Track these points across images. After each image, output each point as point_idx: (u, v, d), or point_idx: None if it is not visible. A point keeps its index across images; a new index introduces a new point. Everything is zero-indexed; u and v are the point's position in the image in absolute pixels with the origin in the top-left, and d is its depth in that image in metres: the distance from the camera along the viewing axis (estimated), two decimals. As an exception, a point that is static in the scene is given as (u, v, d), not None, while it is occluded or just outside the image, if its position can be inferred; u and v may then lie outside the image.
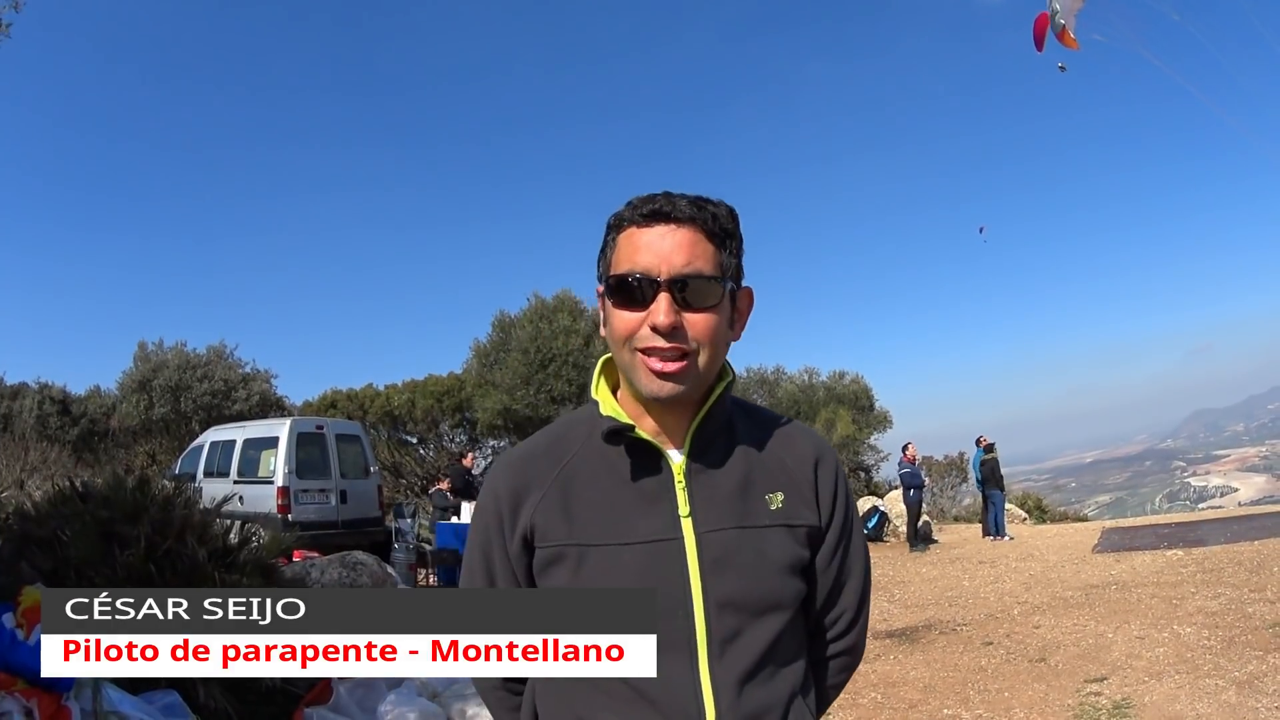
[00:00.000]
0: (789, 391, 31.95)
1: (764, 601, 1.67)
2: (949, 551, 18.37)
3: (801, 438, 1.85)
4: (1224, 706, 6.42)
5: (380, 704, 5.71)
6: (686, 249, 1.62)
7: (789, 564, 1.71)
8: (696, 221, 1.64)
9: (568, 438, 1.78)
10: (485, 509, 1.79)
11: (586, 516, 1.68)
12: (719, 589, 1.64)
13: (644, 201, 1.66)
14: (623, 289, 1.64)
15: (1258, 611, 9.18)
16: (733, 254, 1.70)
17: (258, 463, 16.04)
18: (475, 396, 27.29)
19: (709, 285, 1.63)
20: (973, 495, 26.36)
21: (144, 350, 27.54)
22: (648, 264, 1.61)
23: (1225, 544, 14.34)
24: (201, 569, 5.42)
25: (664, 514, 1.67)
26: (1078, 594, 11.80)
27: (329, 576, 6.97)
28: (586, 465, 1.73)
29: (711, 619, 1.63)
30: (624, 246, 1.67)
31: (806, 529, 1.75)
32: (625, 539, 1.65)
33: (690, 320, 1.62)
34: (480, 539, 1.80)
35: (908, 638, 10.24)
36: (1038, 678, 7.88)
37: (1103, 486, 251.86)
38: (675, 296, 1.61)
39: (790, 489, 1.76)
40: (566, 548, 1.66)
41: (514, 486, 1.74)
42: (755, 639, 1.65)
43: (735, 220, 1.71)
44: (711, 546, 1.65)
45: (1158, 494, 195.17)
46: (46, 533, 5.36)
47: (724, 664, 1.62)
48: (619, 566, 1.63)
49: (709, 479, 1.71)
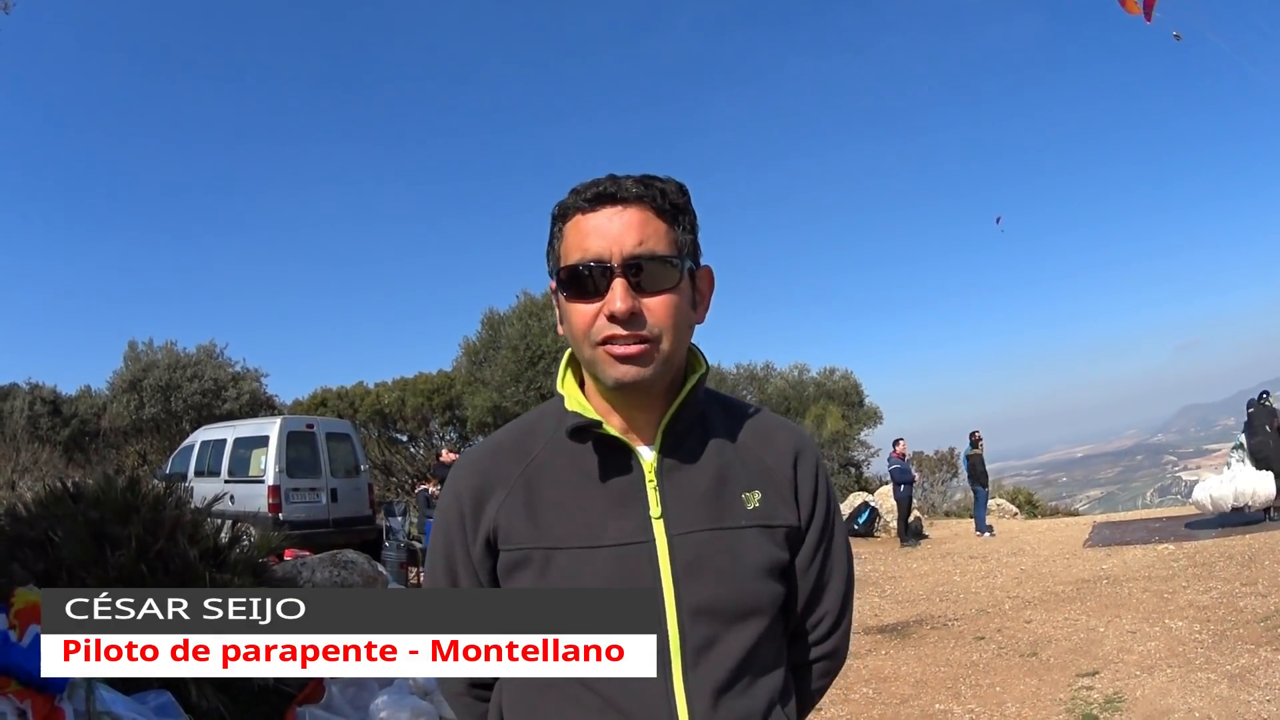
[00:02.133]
0: (779, 387, 31.99)
1: (740, 607, 1.59)
2: (940, 546, 18.41)
3: (780, 432, 1.77)
4: (1216, 700, 6.44)
5: (372, 703, 5.70)
6: (637, 229, 1.54)
7: (767, 567, 1.63)
8: (645, 200, 1.56)
9: (533, 433, 1.70)
10: (447, 509, 1.71)
11: (553, 518, 1.60)
12: (693, 595, 1.56)
13: (588, 186, 1.58)
14: (575, 280, 1.56)
15: (1249, 605, 9.22)
16: (687, 230, 1.62)
17: (248, 462, 15.99)
18: (465, 394, 27.31)
19: (665, 266, 1.55)
20: (964, 490, 26.44)
21: (134, 350, 27.48)
22: (598, 250, 1.53)
23: (1216, 538, 14.38)
24: (193, 569, 5.41)
25: (634, 515, 1.59)
26: (1069, 588, 11.83)
27: (320, 575, 6.96)
28: (552, 463, 1.65)
29: (685, 626, 1.55)
30: (571, 235, 1.58)
31: (785, 529, 1.67)
32: (593, 542, 1.57)
33: (649, 305, 1.53)
34: (442, 541, 1.72)
35: (899, 633, 10.26)
36: (1029, 672, 7.91)
37: (1094, 481, 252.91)
38: (630, 281, 1.52)
39: (768, 487, 1.68)
40: (532, 551, 1.59)
41: (476, 485, 1.66)
42: (732, 647, 1.57)
43: (686, 195, 1.63)
44: (684, 549, 1.57)
45: (1149, 488, 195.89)
46: (38, 534, 5.35)
47: (699, 673, 1.54)
48: (587, 571, 1.56)
49: (681, 478, 1.63)
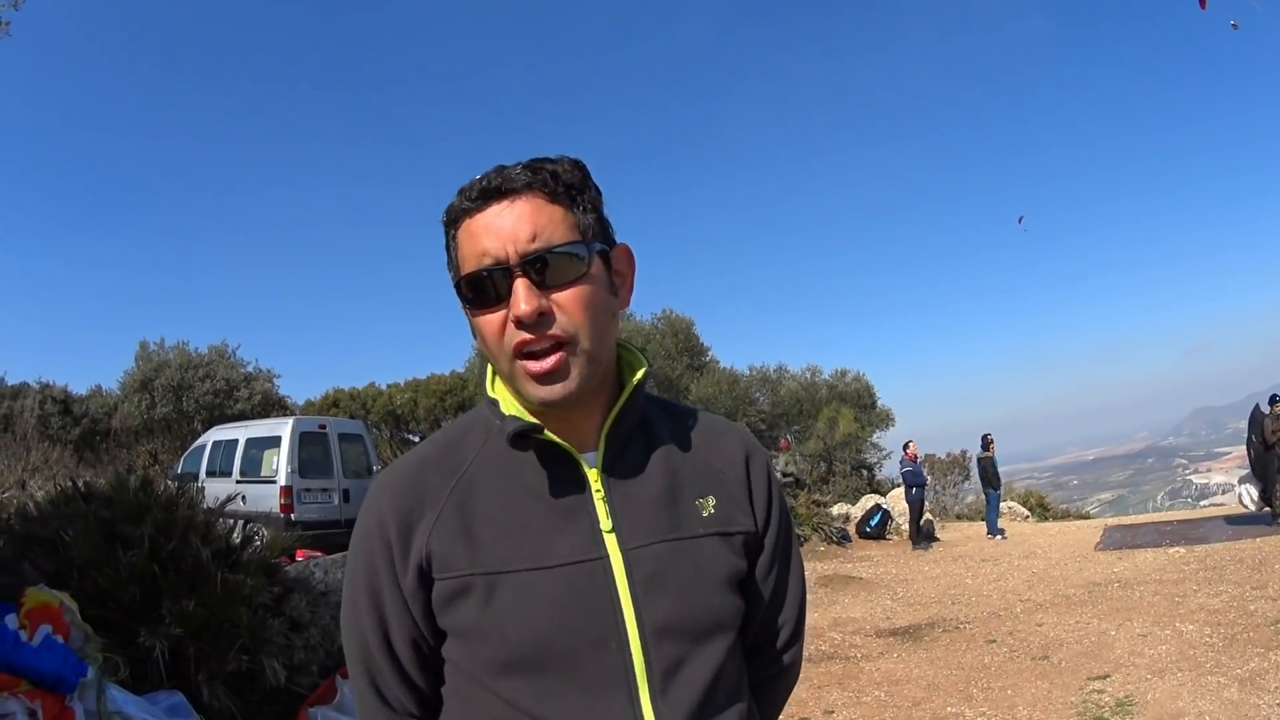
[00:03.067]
0: (791, 390, 31.98)
1: (706, 623, 1.47)
2: (952, 549, 18.38)
3: (727, 434, 1.66)
4: (1226, 704, 6.42)
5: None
6: (530, 221, 1.41)
7: (728, 578, 1.52)
8: (534, 186, 1.42)
9: (460, 446, 1.55)
10: (369, 536, 1.50)
11: (492, 538, 1.45)
12: (655, 613, 1.43)
13: (474, 183, 1.45)
14: (475, 288, 1.43)
15: (1259, 609, 9.18)
16: (588, 210, 1.48)
17: (260, 462, 16.00)
18: (478, 395, 27.24)
19: (568, 257, 1.42)
20: (975, 493, 26.39)
21: (145, 350, 27.54)
22: (494, 251, 1.40)
23: (1227, 541, 14.34)
24: (205, 569, 5.42)
25: (583, 530, 1.46)
26: (1080, 591, 11.81)
27: (333, 576, 6.97)
28: (485, 476, 1.50)
29: (650, 649, 1.42)
30: (464, 240, 1.45)
31: (743, 535, 1.56)
32: (540, 563, 1.43)
33: (558, 301, 1.41)
34: (365, 574, 1.51)
35: (911, 636, 10.24)
36: (1041, 675, 7.89)
37: (1105, 484, 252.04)
38: (533, 279, 1.39)
39: (721, 491, 1.57)
40: (472, 577, 1.42)
41: (402, 508, 1.48)
42: (700, 668, 1.45)
43: (582, 171, 1.49)
44: (642, 564, 1.45)
45: (1159, 491, 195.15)
46: (49, 533, 5.36)
47: (669, 701, 1.41)
48: (536, 594, 1.41)
49: (630, 487, 1.51)
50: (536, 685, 1.40)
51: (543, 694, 1.40)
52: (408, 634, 1.50)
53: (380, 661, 1.52)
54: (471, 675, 1.45)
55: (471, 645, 1.44)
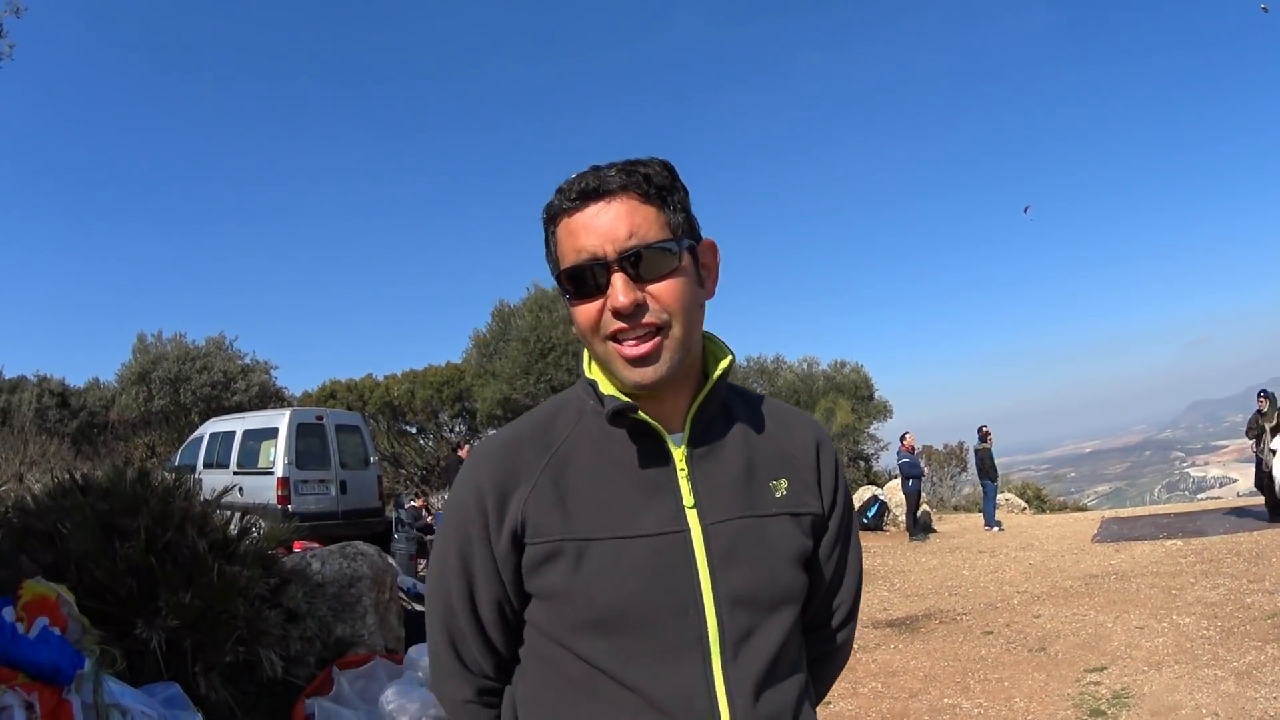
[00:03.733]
0: (789, 381, 32.01)
1: (775, 596, 1.58)
2: (949, 541, 18.41)
3: (800, 423, 1.76)
4: (1223, 697, 6.42)
5: (381, 694, 5.71)
6: (627, 220, 1.50)
7: (796, 555, 1.62)
8: (630, 188, 1.52)
9: (554, 422, 1.65)
10: (464, 504, 1.60)
11: (583, 508, 1.54)
12: (730, 584, 1.53)
13: (571, 184, 1.55)
14: (576, 281, 1.54)
15: (1256, 602, 9.20)
16: (678, 210, 1.57)
17: (257, 454, 16.00)
18: (475, 386, 27.34)
19: (662, 253, 1.52)
20: (972, 485, 26.42)
21: (143, 342, 27.54)
22: (593, 247, 1.50)
23: (1224, 534, 14.36)
24: (202, 560, 5.42)
25: (667, 504, 1.55)
26: (1077, 584, 11.82)
27: (329, 568, 6.96)
28: (579, 451, 1.60)
29: (724, 617, 1.52)
30: (564, 237, 1.56)
31: (811, 517, 1.66)
32: (627, 532, 1.52)
33: (652, 292, 1.51)
34: (457, 538, 1.61)
35: (908, 627, 10.26)
36: (1038, 667, 7.90)
37: (1102, 476, 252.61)
38: (629, 273, 1.50)
39: (793, 476, 1.66)
40: (564, 542, 1.52)
41: (499, 478, 1.58)
42: (768, 637, 1.55)
43: (671, 173, 1.59)
44: (719, 538, 1.54)
45: (1157, 484, 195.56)
46: (46, 526, 5.36)
47: (739, 666, 1.51)
48: (623, 561, 1.51)
49: (711, 466, 1.60)
50: (616, 647, 1.51)
51: (621, 655, 1.50)
52: (494, 597, 1.61)
53: (464, 624, 1.63)
54: (553, 636, 1.56)
55: (558, 607, 1.54)
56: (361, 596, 6.91)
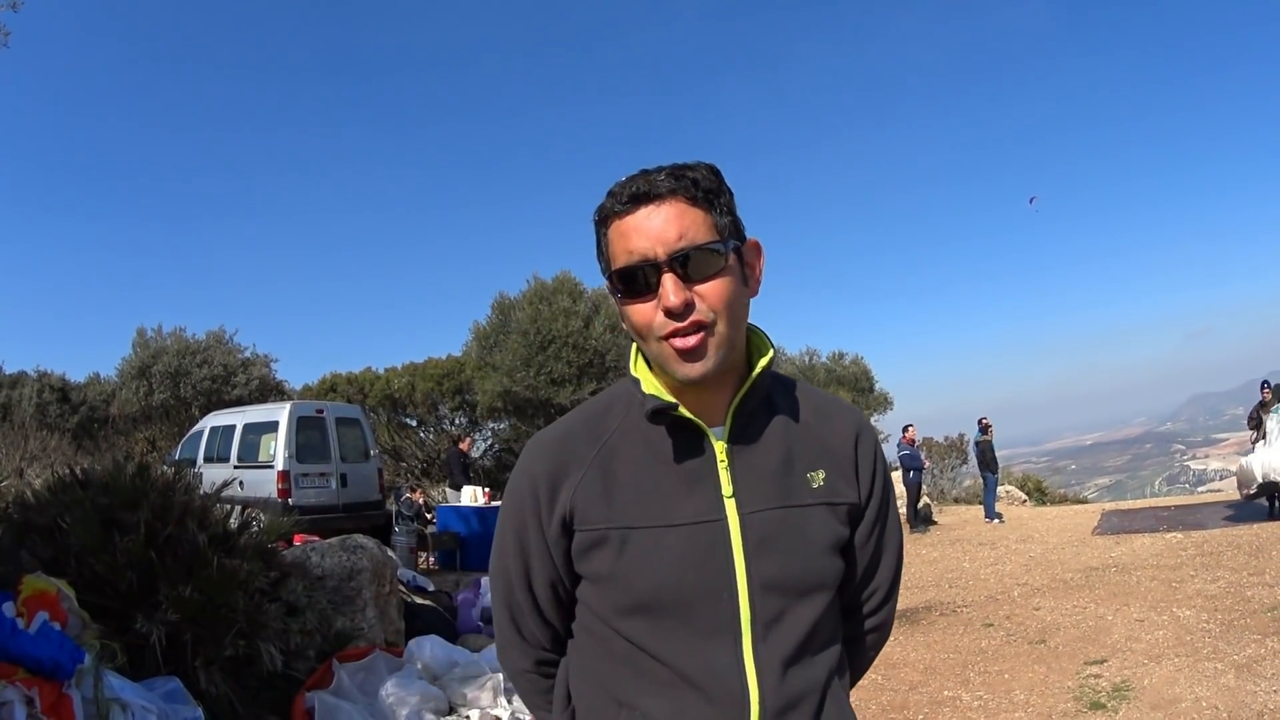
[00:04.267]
0: (789, 373, 31.74)
1: (807, 582, 1.66)
2: (949, 533, 18.44)
3: (840, 413, 1.82)
4: (1223, 689, 6.43)
5: (381, 687, 5.72)
6: (676, 223, 1.57)
7: (831, 543, 1.70)
8: (678, 192, 1.59)
9: (604, 417, 1.74)
10: (520, 491, 1.73)
11: (627, 498, 1.65)
12: (763, 570, 1.62)
13: (622, 187, 1.61)
14: (628, 281, 1.60)
15: (1256, 595, 9.21)
16: (724, 212, 1.63)
17: (258, 447, 16.01)
18: (475, 379, 27.30)
19: (710, 254, 1.58)
20: (973, 477, 26.44)
21: (143, 337, 27.51)
22: (643, 249, 1.57)
23: (1224, 527, 14.37)
24: (202, 554, 5.42)
25: (707, 495, 1.64)
26: (1077, 576, 11.84)
27: (330, 561, 6.97)
28: (625, 444, 1.69)
29: (756, 601, 1.61)
30: (615, 239, 1.62)
31: (848, 507, 1.73)
32: (668, 521, 1.62)
33: (701, 292, 1.57)
34: (514, 522, 1.75)
35: (908, 619, 10.27)
36: (1038, 659, 7.92)
37: (1102, 469, 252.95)
38: (679, 273, 1.56)
39: (831, 466, 1.73)
40: (609, 530, 1.63)
41: (551, 468, 1.69)
42: (798, 621, 1.64)
43: (718, 177, 1.65)
44: (755, 527, 1.63)
45: (1157, 477, 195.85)
46: (46, 520, 5.36)
47: (768, 646, 1.60)
48: (663, 549, 1.61)
49: (750, 458, 1.68)
50: (655, 627, 1.62)
51: (660, 635, 1.62)
52: (548, 577, 1.74)
53: (521, 601, 1.78)
54: (600, 615, 1.68)
55: (603, 589, 1.66)
56: (362, 590, 6.93)
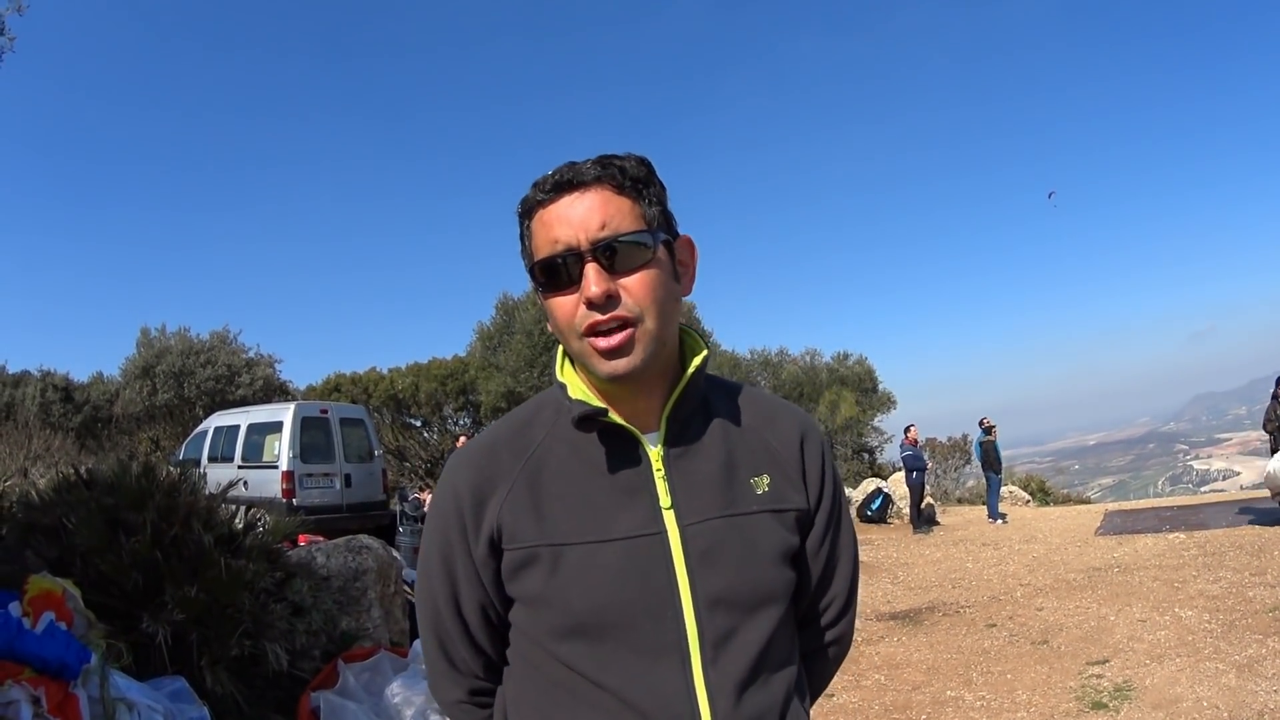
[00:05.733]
0: (792, 373, 32.00)
1: (756, 595, 1.56)
2: (952, 533, 18.42)
3: (783, 414, 1.74)
4: (1224, 689, 6.44)
5: (387, 687, 5.74)
6: (600, 211, 1.50)
7: (780, 552, 1.60)
8: (604, 180, 1.52)
9: (531, 426, 1.65)
10: (444, 509, 1.63)
11: (559, 513, 1.55)
12: (708, 585, 1.52)
13: (547, 178, 1.55)
14: (549, 273, 1.53)
15: (1258, 595, 9.21)
16: (653, 203, 1.57)
17: (262, 447, 16.05)
18: (479, 379, 27.35)
19: (635, 245, 1.51)
20: (976, 477, 26.43)
21: (147, 336, 27.60)
22: (566, 238, 1.50)
23: (1227, 527, 14.36)
24: (208, 554, 5.43)
25: (643, 506, 1.55)
26: (1080, 576, 11.84)
27: (335, 562, 6.99)
28: (555, 455, 1.60)
29: (703, 618, 1.51)
30: (539, 230, 1.55)
31: (795, 513, 1.64)
32: (603, 535, 1.53)
33: (625, 285, 1.50)
34: (439, 542, 1.64)
35: (911, 619, 10.28)
36: (1040, 660, 7.92)
37: (1105, 469, 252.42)
38: (602, 264, 1.49)
39: (775, 470, 1.65)
40: (539, 548, 1.53)
41: (476, 482, 1.59)
42: (750, 638, 1.54)
43: (647, 167, 1.58)
44: (697, 539, 1.54)
45: (1160, 477, 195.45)
46: (51, 520, 5.37)
47: (719, 668, 1.51)
48: (598, 566, 1.51)
49: (689, 465, 1.59)
50: (595, 650, 1.51)
51: (600, 659, 1.51)
52: (477, 600, 1.63)
53: (450, 626, 1.65)
54: (535, 640, 1.57)
55: (537, 612, 1.56)
56: (367, 590, 6.94)
